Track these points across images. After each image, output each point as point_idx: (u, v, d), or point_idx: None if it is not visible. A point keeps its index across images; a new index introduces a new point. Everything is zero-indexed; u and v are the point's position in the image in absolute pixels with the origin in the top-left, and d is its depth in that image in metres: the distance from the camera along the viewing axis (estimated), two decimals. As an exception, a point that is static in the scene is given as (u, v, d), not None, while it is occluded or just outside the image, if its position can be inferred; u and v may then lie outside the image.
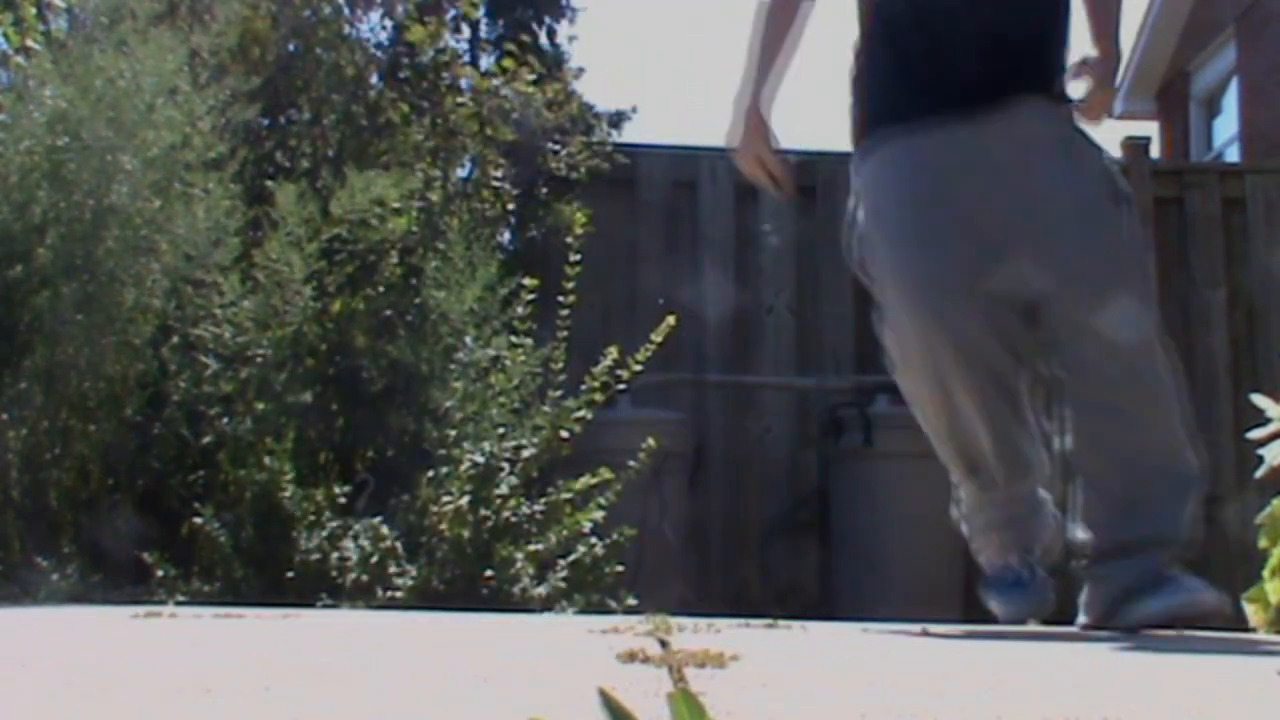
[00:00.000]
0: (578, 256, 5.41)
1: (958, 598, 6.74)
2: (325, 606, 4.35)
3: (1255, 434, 4.31)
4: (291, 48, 6.38)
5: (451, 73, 6.67)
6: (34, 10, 5.32)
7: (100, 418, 4.92)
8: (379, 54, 6.77)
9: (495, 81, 6.89)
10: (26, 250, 4.80)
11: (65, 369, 4.83)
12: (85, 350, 4.80)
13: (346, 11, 6.57)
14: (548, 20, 10.56)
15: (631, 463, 4.88)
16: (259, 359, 5.03)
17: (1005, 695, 1.80)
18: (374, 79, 6.69)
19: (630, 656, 2.05)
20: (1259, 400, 4.31)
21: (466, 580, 4.49)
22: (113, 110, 4.83)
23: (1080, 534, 3.56)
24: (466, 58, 7.31)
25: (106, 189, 4.82)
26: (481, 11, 8.16)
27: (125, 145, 4.83)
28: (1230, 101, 12.33)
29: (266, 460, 4.76)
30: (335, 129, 6.31)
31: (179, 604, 4.20)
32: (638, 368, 5.29)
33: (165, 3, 5.52)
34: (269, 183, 5.61)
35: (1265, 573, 4.05)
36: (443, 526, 4.56)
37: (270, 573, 4.64)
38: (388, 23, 6.83)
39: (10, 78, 5.32)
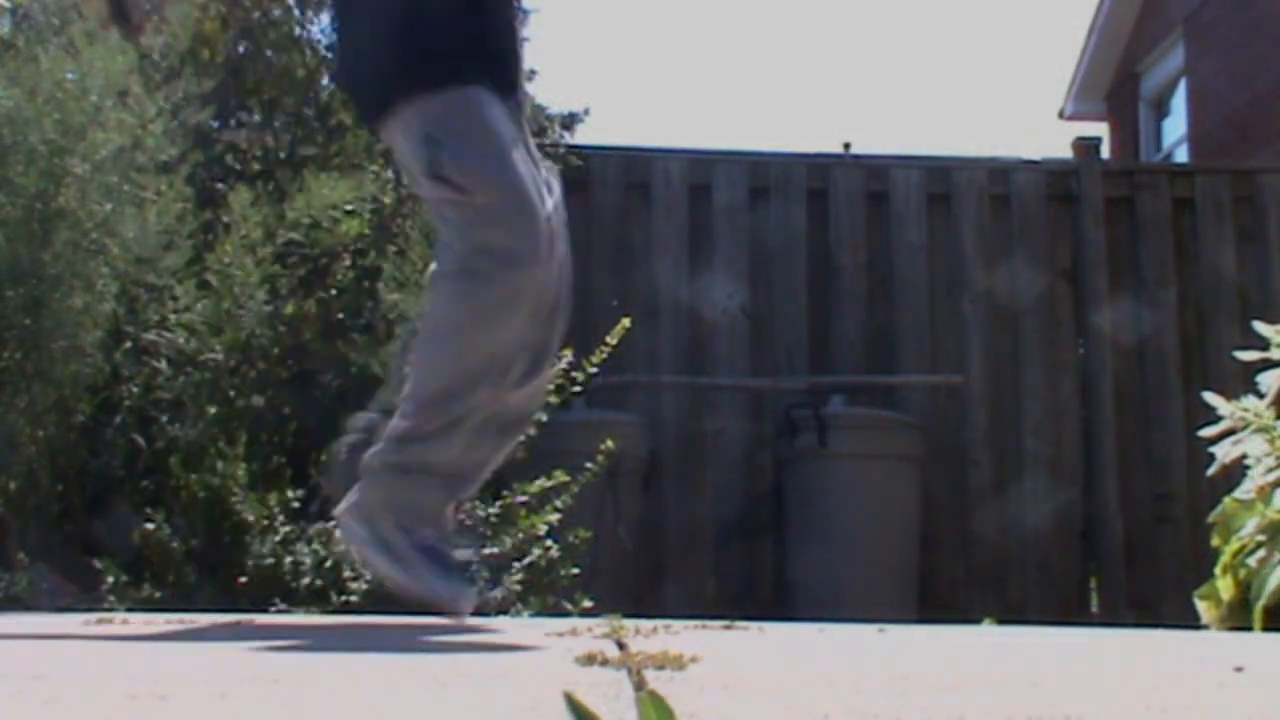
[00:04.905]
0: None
1: (913, 596, 6.78)
2: (279, 612, 4.32)
3: (1206, 432, 4.35)
4: (242, 50, 6.34)
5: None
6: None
7: (49, 423, 4.87)
8: (330, 55, 6.73)
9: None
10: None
11: (13, 373, 4.77)
12: (34, 354, 4.76)
13: (298, 14, 6.53)
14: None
15: (589, 464, 4.87)
16: (211, 363, 4.99)
17: (967, 695, 1.80)
18: (325, 80, 6.65)
19: (589, 659, 2.04)
20: (1210, 398, 4.35)
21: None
22: (59, 112, 4.78)
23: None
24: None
25: (55, 192, 4.78)
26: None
27: (74, 147, 4.79)
28: (1179, 103, 12.44)
29: (219, 465, 4.73)
30: (286, 131, 6.28)
31: (130, 610, 4.16)
32: (593, 370, 5.27)
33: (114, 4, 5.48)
34: (219, 185, 5.57)
35: (1217, 570, 4.08)
36: None
37: (223, 578, 4.61)
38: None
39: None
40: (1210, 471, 4.35)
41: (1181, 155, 12.10)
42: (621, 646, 2.38)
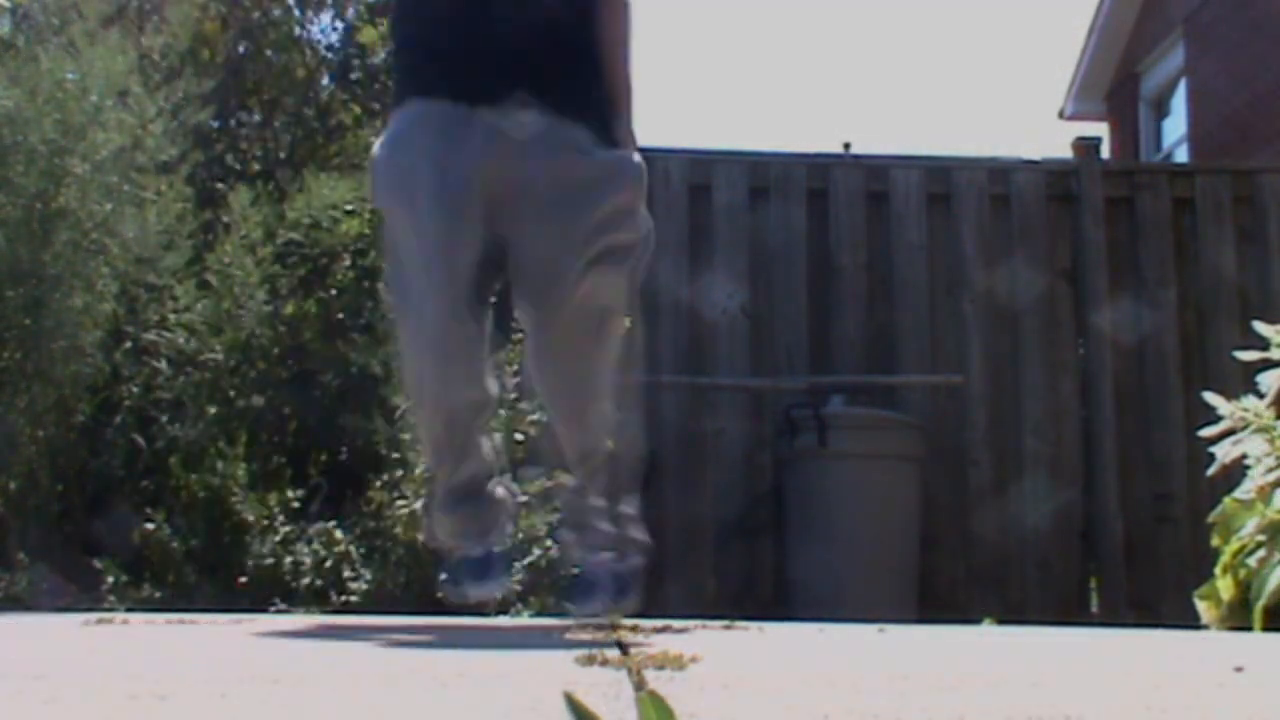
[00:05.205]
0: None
1: (913, 596, 6.77)
2: (279, 612, 4.32)
3: (1206, 432, 4.35)
4: (242, 50, 6.34)
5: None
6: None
7: (49, 423, 4.87)
8: (330, 55, 6.73)
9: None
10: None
11: (13, 373, 4.77)
12: (34, 354, 4.76)
13: (298, 14, 6.53)
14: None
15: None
16: (211, 363, 4.99)
17: (967, 695, 1.80)
18: (325, 80, 6.65)
19: (589, 659, 2.04)
20: (1210, 398, 4.35)
21: (421, 584, 4.47)
22: (59, 112, 4.78)
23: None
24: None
25: (55, 192, 4.78)
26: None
27: (74, 147, 4.78)
28: (1179, 103, 12.43)
29: (219, 465, 4.73)
30: (286, 131, 6.28)
31: (130, 610, 4.16)
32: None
33: (114, 4, 5.48)
34: (220, 185, 5.57)
35: (1217, 570, 4.08)
36: (398, 530, 4.53)
37: (223, 578, 4.61)
38: (339, 24, 6.79)
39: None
40: (1210, 471, 4.35)
41: (1181, 155, 12.08)
42: (621, 646, 2.38)
